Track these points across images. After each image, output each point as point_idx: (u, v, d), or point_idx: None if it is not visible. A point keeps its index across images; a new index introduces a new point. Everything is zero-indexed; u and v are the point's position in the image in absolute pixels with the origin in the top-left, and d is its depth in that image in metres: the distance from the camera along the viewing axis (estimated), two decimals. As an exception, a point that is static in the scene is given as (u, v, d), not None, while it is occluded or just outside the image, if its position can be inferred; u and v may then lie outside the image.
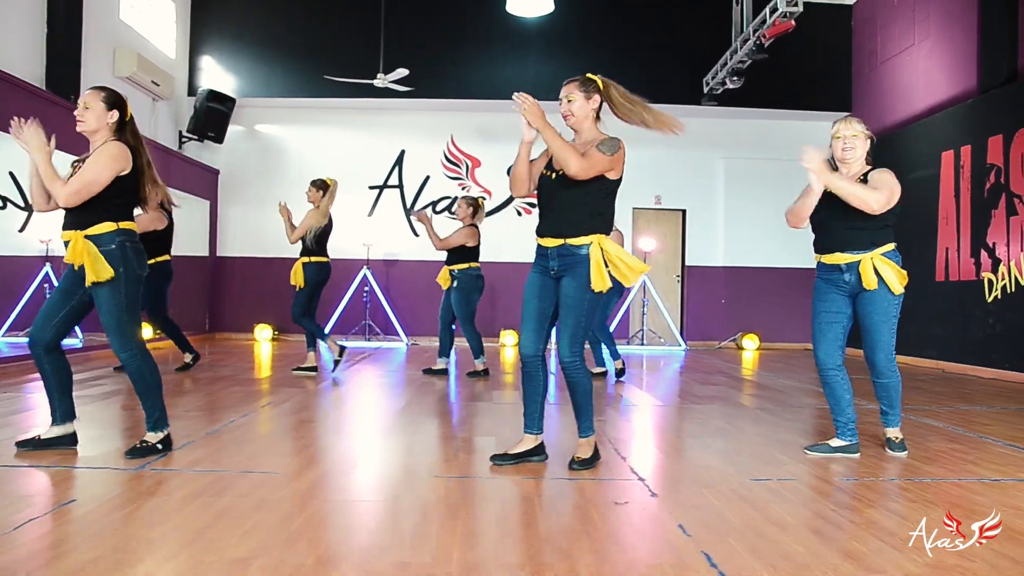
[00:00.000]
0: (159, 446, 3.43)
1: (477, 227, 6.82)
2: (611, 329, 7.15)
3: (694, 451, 3.78)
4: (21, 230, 9.57)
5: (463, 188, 11.49)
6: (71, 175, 3.35)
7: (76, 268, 3.32)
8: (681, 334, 11.25)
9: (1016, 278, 7.28)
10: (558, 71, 10.57)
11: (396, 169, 11.52)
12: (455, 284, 6.67)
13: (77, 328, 8.06)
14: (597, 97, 3.32)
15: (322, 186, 6.69)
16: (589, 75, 3.35)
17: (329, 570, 2.08)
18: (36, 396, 5.07)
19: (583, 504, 2.79)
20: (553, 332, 3.43)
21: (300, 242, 6.69)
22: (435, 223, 11.22)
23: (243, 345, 10.33)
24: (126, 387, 5.65)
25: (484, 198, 7.38)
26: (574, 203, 3.23)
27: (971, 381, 7.21)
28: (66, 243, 3.35)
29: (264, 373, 7.10)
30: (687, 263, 11.59)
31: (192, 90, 10.88)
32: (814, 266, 10.38)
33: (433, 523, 2.53)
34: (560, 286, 3.27)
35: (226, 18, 10.96)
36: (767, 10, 7.21)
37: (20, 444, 3.43)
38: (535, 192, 3.41)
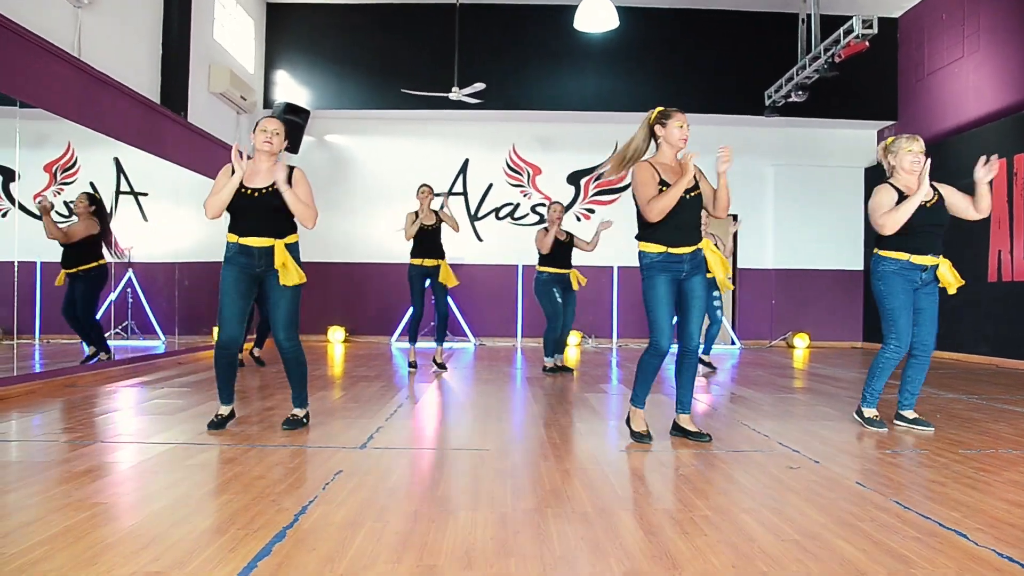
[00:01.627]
0: (304, 420, 4.21)
1: None
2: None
3: (822, 431, 4.30)
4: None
5: (524, 195, 12.04)
6: (245, 190, 3.89)
7: (281, 270, 3.92)
8: (735, 332, 11.75)
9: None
10: (618, 84, 11.26)
11: (460, 177, 12.08)
12: (581, 285, 7.29)
13: (160, 331, 8.67)
14: None
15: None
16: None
17: (608, 515, 2.63)
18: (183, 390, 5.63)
19: (764, 469, 3.32)
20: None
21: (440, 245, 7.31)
22: (503, 229, 11.89)
23: (319, 346, 10.90)
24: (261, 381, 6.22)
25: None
26: (697, 217, 3.91)
27: (975, 367, 7.72)
28: (256, 248, 3.89)
29: (377, 371, 7.64)
30: (739, 266, 12.09)
31: (267, 103, 11.48)
32: (858, 268, 11.14)
33: (657, 482, 3.07)
34: (690, 285, 3.84)
35: (300, 34, 11.55)
36: (841, 31, 7.73)
37: (213, 426, 4.08)
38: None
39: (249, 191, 3.89)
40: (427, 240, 7.24)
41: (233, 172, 3.86)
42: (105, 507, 2.64)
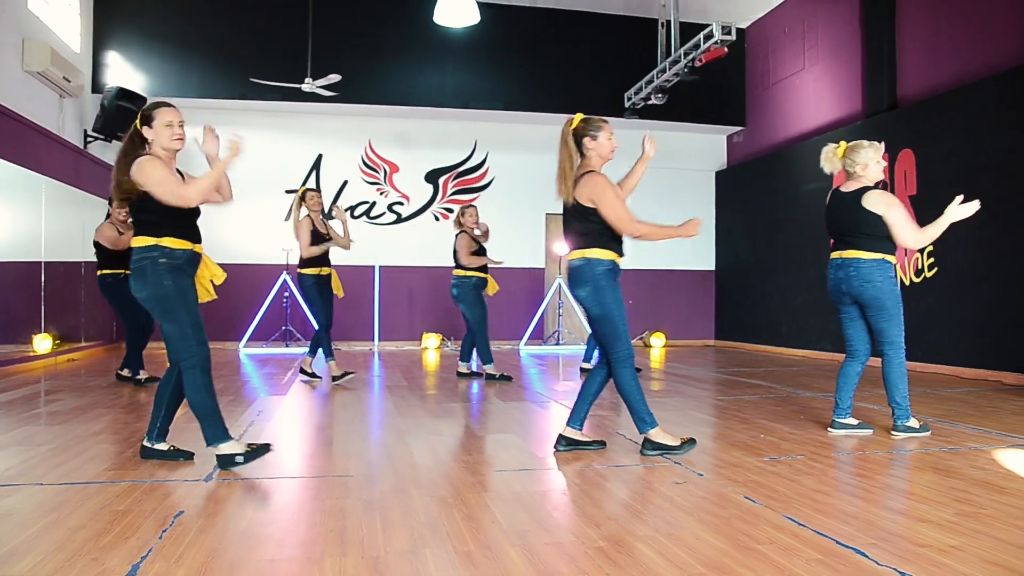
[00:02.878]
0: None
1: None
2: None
3: (699, 437, 4.23)
4: None
5: (381, 193, 11.60)
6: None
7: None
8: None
9: (901, 279, 8.33)
10: (479, 81, 11.05)
11: (314, 173, 11.46)
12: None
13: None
14: None
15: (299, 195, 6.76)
16: None
17: (495, 553, 2.36)
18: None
19: (649, 485, 3.17)
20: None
21: (320, 249, 6.64)
22: (359, 228, 11.37)
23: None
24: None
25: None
26: None
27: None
28: (198, 256, 3.51)
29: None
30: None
31: (96, 87, 10.38)
32: (711, 268, 11.49)
33: (544, 508, 2.84)
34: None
35: (135, 12, 10.51)
36: (701, 36, 7.88)
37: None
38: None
39: None
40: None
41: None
42: None
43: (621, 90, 10.58)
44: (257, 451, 3.48)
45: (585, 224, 3.67)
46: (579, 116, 3.76)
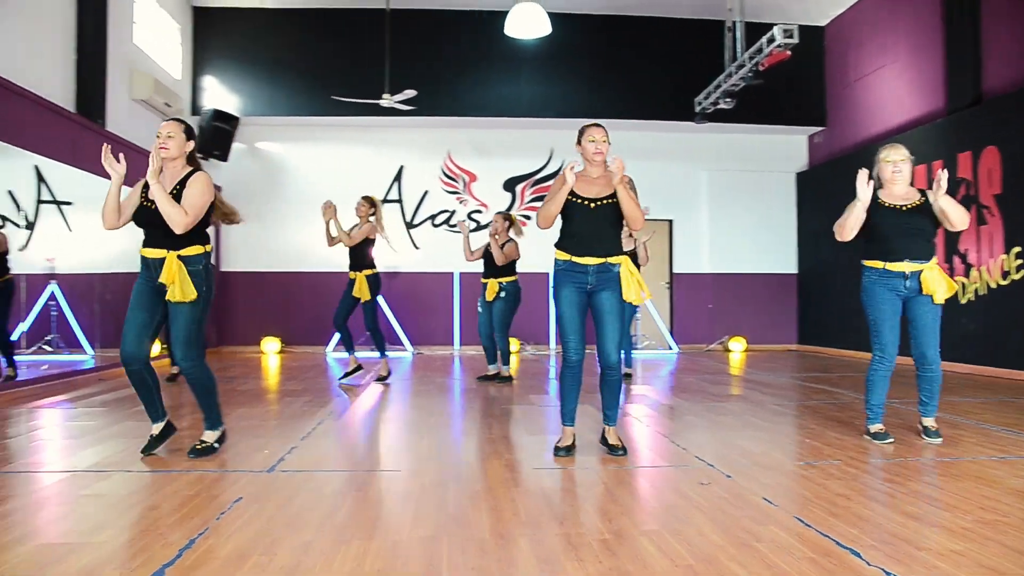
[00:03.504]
0: (216, 444, 3.97)
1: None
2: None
3: (742, 441, 4.31)
4: (23, 249, 9.77)
5: (460, 202, 11.96)
6: (142, 200, 3.73)
7: (168, 286, 3.68)
8: (672, 337, 11.85)
9: (987, 282, 8.02)
10: (552, 91, 11.26)
11: (395, 184, 11.94)
12: (502, 295, 7.16)
13: (87, 345, 8.37)
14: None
15: (372, 202, 7.14)
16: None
17: (506, 541, 2.56)
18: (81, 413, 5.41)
19: (674, 486, 3.30)
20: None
21: (352, 256, 7.09)
22: (439, 236, 11.78)
23: (253, 358, 10.64)
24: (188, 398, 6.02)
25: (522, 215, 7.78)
26: (606, 228, 3.83)
27: (949, 376, 7.90)
28: (151, 259, 3.74)
29: (308, 384, 7.45)
30: (675, 270, 12.21)
31: (195, 109, 11.17)
32: (791, 271, 11.23)
33: (565, 502, 3.02)
34: (598, 300, 3.81)
35: (229, 39, 11.27)
36: (764, 40, 7.84)
37: (144, 451, 3.89)
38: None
39: (147, 201, 3.72)
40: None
41: (141, 200, 3.75)
42: (-28, 550, 2.47)
43: (691, 95, 10.57)
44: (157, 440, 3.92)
45: None
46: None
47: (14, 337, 7.67)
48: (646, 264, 7.33)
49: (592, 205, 3.79)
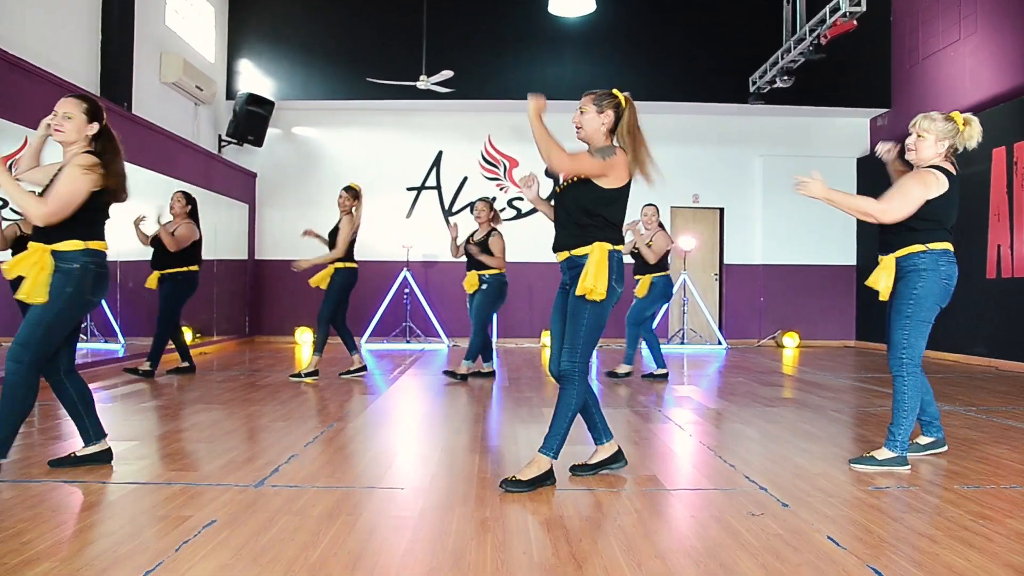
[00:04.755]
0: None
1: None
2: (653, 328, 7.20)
3: (798, 457, 3.77)
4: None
5: (501, 189, 11.50)
6: (44, 189, 3.23)
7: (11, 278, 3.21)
8: (721, 332, 11.22)
9: (1074, 276, 7.24)
10: (597, 71, 10.67)
11: (434, 170, 11.53)
12: (484, 288, 6.71)
13: (120, 334, 8.13)
14: (611, 114, 3.22)
15: (356, 194, 6.74)
16: (615, 91, 3.25)
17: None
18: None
19: (719, 516, 2.79)
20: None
21: (327, 245, 6.93)
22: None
23: (285, 348, 10.37)
24: (176, 398, 5.71)
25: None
26: (572, 214, 3.20)
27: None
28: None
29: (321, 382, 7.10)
30: (725, 261, 11.56)
31: (231, 94, 10.92)
32: (850, 263, 10.43)
33: (587, 538, 2.55)
34: (570, 298, 3.21)
35: (264, 21, 10.99)
36: (827, 10, 7.18)
37: (53, 463, 3.38)
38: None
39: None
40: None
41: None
42: None
43: (746, 74, 9.89)
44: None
45: None
46: None
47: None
48: (654, 261, 6.74)
49: (558, 189, 3.29)
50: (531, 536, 2.56)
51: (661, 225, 6.98)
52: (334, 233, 6.78)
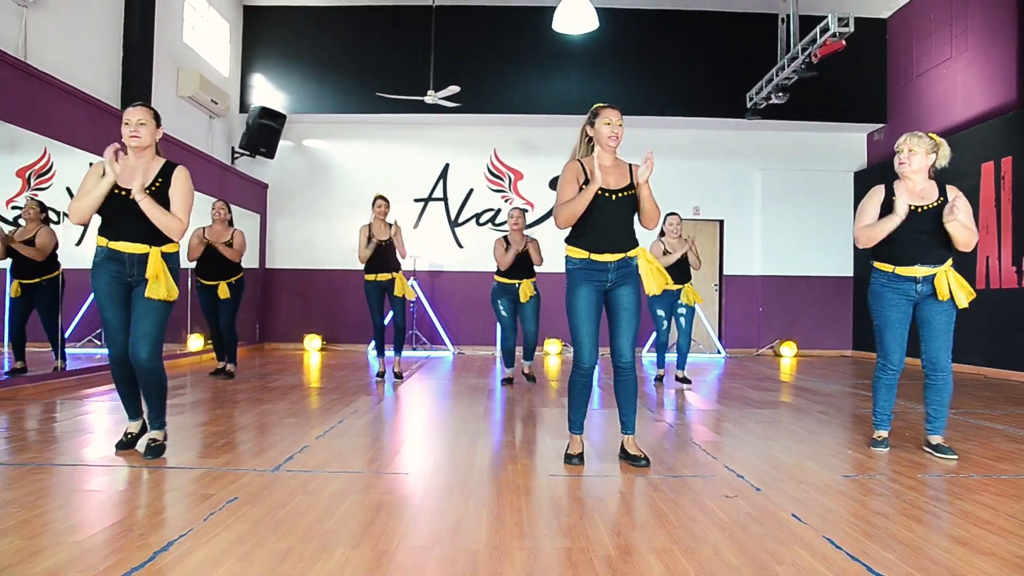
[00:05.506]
0: (165, 443, 3.74)
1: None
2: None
3: (778, 451, 4.02)
4: (78, 244, 9.95)
5: (506, 200, 11.79)
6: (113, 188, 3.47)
7: (153, 282, 3.49)
8: (720, 341, 11.46)
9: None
10: (600, 87, 10.98)
11: (441, 182, 11.84)
12: (537, 294, 7.03)
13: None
14: None
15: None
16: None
17: (501, 554, 2.36)
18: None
19: (696, 497, 3.05)
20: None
21: (400, 259, 7.11)
22: (484, 235, 11.62)
23: (294, 355, 10.66)
24: (208, 395, 5.98)
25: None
26: (627, 221, 3.59)
27: (1015, 386, 7.40)
28: (127, 254, 3.52)
29: (341, 382, 7.38)
30: (725, 272, 11.81)
31: (244, 107, 11.27)
32: (847, 275, 10.71)
33: (575, 513, 2.81)
34: (616, 296, 3.56)
35: (277, 37, 11.34)
36: (817, 30, 7.47)
37: (120, 447, 3.77)
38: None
39: (122, 192, 3.50)
40: (381, 255, 7.02)
41: (104, 173, 3.48)
42: (-53, 544, 2.38)
43: (743, 90, 10.18)
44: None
45: None
46: (595, 105, 3.63)
47: (67, 333, 7.77)
48: (698, 268, 7.02)
49: (614, 197, 3.53)
50: (523, 513, 2.82)
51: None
52: (389, 244, 7.03)
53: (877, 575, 2.18)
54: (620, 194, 3.54)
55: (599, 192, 3.50)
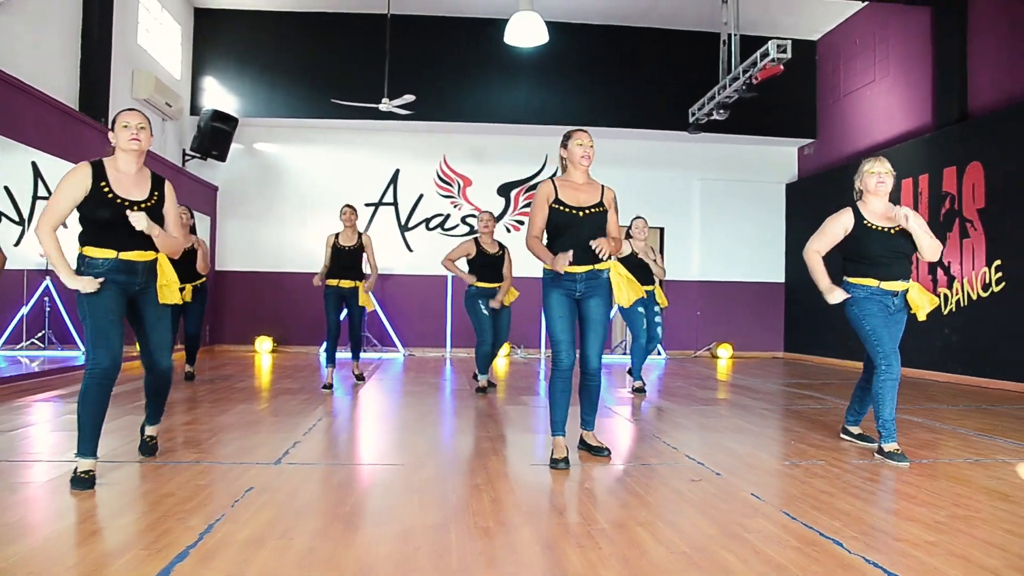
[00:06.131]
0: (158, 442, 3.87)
1: None
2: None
3: (730, 442, 4.48)
4: (16, 244, 9.83)
5: (455, 206, 12.11)
6: (109, 196, 3.35)
7: (167, 288, 3.56)
8: (660, 344, 12.01)
9: (968, 293, 8.24)
10: (548, 98, 11.44)
11: (391, 187, 12.07)
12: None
13: (80, 341, 8.41)
14: None
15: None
16: None
17: (509, 529, 2.71)
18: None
19: (665, 481, 3.46)
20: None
21: (359, 266, 7.06)
22: (433, 239, 11.90)
23: (245, 357, 10.74)
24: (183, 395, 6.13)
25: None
26: (595, 236, 3.85)
27: (928, 384, 8.12)
28: (139, 263, 3.43)
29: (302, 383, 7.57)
30: (665, 277, 12.37)
31: (195, 109, 11.28)
32: (779, 280, 11.34)
33: (564, 495, 3.18)
34: (586, 307, 3.90)
35: (228, 40, 11.39)
36: (758, 54, 8.04)
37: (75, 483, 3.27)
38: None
39: (126, 203, 3.36)
40: (346, 260, 7.00)
41: (94, 192, 3.32)
42: (6, 528, 2.59)
43: (686, 105, 10.76)
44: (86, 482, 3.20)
45: None
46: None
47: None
48: (662, 277, 7.33)
49: (582, 214, 3.86)
50: (518, 496, 3.17)
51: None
52: (354, 252, 7.02)
53: (828, 538, 2.61)
54: (589, 211, 3.87)
55: (568, 210, 3.85)
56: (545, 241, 3.98)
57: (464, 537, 2.59)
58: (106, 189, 3.36)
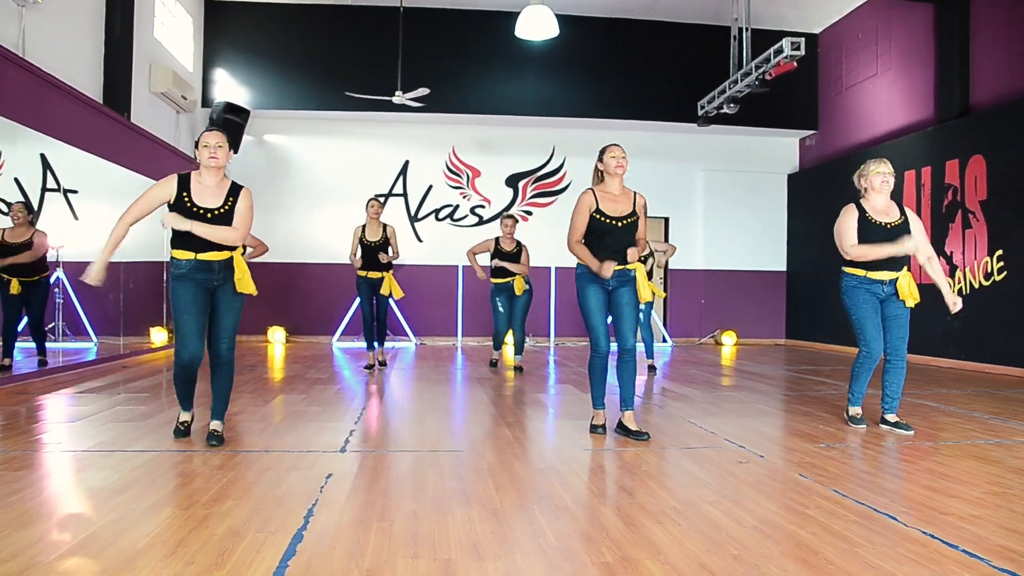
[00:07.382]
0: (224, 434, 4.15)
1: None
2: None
3: (761, 426, 4.72)
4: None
5: (464, 196, 12.28)
6: (190, 205, 3.85)
7: (243, 281, 3.98)
8: (666, 330, 12.29)
9: (971, 282, 8.53)
10: (557, 91, 11.62)
11: (401, 178, 12.23)
12: (529, 289, 7.73)
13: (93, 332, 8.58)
14: None
15: None
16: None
17: (590, 510, 2.93)
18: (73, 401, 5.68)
19: (718, 463, 3.69)
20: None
21: (386, 258, 7.51)
22: (443, 230, 12.09)
23: (258, 348, 10.90)
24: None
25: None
26: (632, 241, 4.35)
27: (933, 370, 8.42)
28: (216, 262, 3.92)
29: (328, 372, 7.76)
30: (670, 266, 12.63)
31: (207, 102, 11.37)
32: (781, 269, 11.80)
33: (627, 478, 3.40)
34: (618, 295, 4.34)
35: (239, 33, 11.47)
36: (772, 51, 8.25)
37: (177, 433, 4.19)
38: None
39: (201, 210, 3.87)
40: (372, 254, 7.48)
41: (177, 201, 3.85)
42: (118, 515, 2.78)
43: (694, 98, 10.97)
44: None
45: None
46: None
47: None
48: (661, 267, 7.93)
49: (619, 224, 4.28)
50: (582, 477, 3.39)
51: None
52: (380, 247, 7.46)
53: (883, 513, 2.85)
54: (624, 221, 4.31)
55: (608, 220, 4.28)
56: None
57: (549, 516, 2.81)
58: (186, 198, 3.90)
